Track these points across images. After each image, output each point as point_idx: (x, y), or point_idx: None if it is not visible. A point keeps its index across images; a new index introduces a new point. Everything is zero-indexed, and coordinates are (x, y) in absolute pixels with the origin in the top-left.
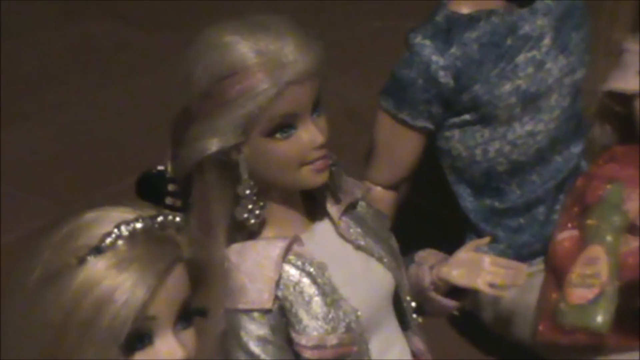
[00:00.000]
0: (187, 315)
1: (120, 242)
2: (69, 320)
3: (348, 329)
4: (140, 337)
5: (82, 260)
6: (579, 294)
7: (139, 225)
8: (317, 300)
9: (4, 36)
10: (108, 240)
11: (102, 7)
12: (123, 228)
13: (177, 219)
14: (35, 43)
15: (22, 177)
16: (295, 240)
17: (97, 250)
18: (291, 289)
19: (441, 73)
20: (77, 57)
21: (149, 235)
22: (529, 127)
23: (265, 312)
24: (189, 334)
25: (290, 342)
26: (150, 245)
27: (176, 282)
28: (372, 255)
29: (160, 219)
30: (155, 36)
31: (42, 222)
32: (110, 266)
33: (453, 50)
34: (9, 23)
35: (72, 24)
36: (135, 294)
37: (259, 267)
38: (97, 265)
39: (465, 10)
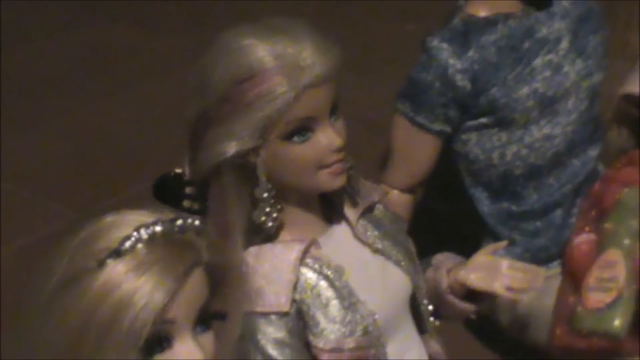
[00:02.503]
0: (206, 318)
1: (139, 245)
2: (89, 323)
3: (365, 332)
4: (159, 340)
5: (101, 264)
6: (596, 298)
7: (158, 228)
8: (334, 303)
9: (15, 41)
10: (127, 244)
11: (113, 11)
12: (142, 231)
13: (197, 222)
14: (47, 48)
15: (34, 181)
16: (313, 243)
17: (117, 253)
18: (308, 292)
19: (458, 76)
20: (90, 62)
21: (168, 238)
22: (546, 130)
23: (283, 315)
24: (207, 337)
25: (307, 345)
26: (169, 249)
27: (195, 286)
28: (389, 258)
29: (179, 222)
30: (166, 41)
31: (55, 227)
32: (130, 269)
33: (470, 53)
34: (19, 28)
35: (83, 28)
36: (155, 297)
37: (276, 270)
38: (116, 269)
39: (482, 13)
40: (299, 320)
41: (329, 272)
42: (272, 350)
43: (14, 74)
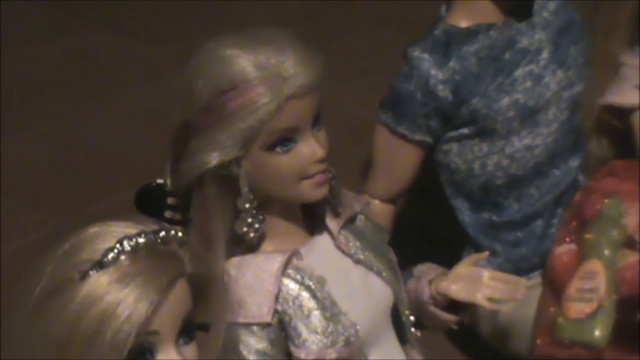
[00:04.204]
0: (189, 329)
1: (122, 257)
2: (72, 334)
3: (347, 343)
4: (142, 351)
5: (84, 275)
6: (577, 308)
7: (141, 240)
8: (316, 314)
9: (2, 48)
10: (110, 255)
11: (100, 19)
12: (125, 243)
13: (180, 233)
14: (33, 55)
15: (18, 188)
16: (295, 254)
17: (100, 265)
18: (290, 303)
19: (440, 87)
20: (74, 68)
21: (151, 250)
22: (527, 141)
23: (265, 325)
24: (190, 349)
25: (289, 355)
26: (152, 260)
27: (178, 297)
28: (371, 269)
29: (162, 233)
30: (152, 48)
31: (38, 235)
32: (113, 281)
33: (451, 64)
34: (7, 35)
35: (70, 35)
36: (138, 308)
37: (258, 280)
38: (99, 280)
39: (463, 24)
40: (281, 331)
41: (310, 283)
42: None
43: None
